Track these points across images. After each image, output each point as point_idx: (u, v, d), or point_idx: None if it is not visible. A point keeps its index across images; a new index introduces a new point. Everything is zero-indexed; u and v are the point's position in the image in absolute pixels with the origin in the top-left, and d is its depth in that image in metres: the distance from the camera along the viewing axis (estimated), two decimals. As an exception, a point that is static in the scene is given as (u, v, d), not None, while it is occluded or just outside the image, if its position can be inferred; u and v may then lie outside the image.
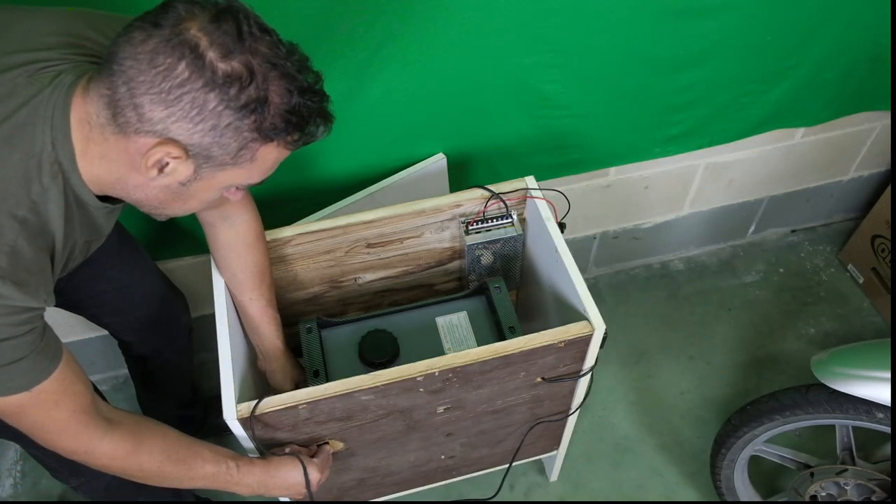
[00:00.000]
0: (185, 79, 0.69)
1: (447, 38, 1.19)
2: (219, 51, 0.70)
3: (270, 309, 1.16)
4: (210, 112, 0.71)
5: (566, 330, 1.06)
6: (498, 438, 1.31)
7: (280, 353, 1.20)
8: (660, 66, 1.36)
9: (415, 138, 1.37)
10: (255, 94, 0.71)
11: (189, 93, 0.69)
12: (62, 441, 0.87)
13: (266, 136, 0.75)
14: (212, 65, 0.69)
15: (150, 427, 0.95)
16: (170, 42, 0.69)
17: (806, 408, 1.24)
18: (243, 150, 0.75)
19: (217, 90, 0.70)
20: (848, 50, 1.47)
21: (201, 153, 0.74)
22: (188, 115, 0.71)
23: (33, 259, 0.76)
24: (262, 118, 0.73)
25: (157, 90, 0.69)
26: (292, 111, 0.75)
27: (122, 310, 1.30)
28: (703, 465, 1.63)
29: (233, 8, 0.72)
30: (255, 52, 0.71)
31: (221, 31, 0.70)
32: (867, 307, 1.95)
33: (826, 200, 2.04)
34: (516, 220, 1.27)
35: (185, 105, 0.70)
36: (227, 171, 0.77)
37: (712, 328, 1.92)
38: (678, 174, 1.75)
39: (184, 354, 1.49)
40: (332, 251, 1.22)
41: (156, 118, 0.71)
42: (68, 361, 0.83)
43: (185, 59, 0.69)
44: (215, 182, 0.79)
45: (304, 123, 0.77)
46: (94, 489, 1.21)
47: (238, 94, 0.71)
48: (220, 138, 0.73)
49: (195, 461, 0.97)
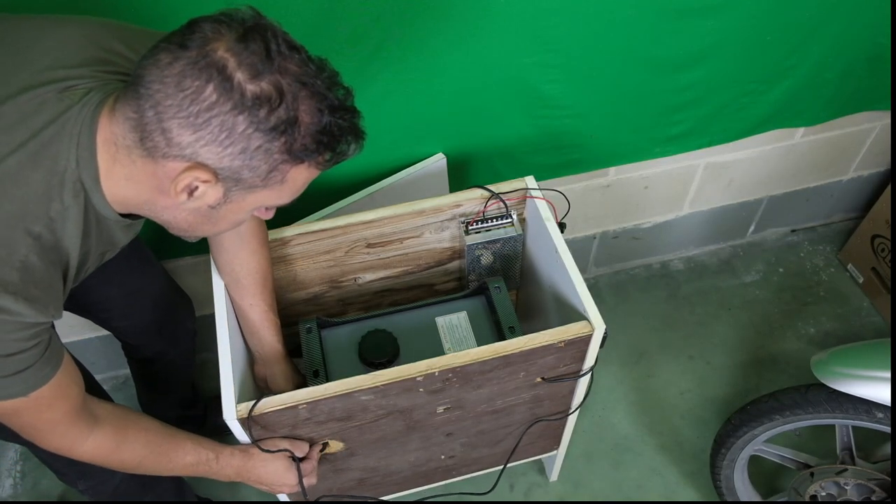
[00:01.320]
0: (213, 102, 0.68)
1: (447, 38, 1.19)
2: (247, 72, 0.68)
3: (271, 314, 1.15)
4: (239, 135, 0.69)
5: (566, 330, 1.06)
6: (498, 438, 1.31)
7: (281, 358, 1.19)
8: (660, 66, 1.36)
9: (415, 138, 1.37)
10: (286, 115, 0.70)
11: (218, 116, 0.68)
12: (50, 439, 0.87)
13: (297, 158, 0.73)
14: (240, 87, 0.68)
15: (134, 421, 0.96)
16: (197, 64, 0.67)
17: (806, 408, 1.24)
18: (274, 172, 0.73)
19: (246, 112, 0.68)
20: (848, 50, 1.47)
21: (231, 176, 0.73)
22: (217, 139, 0.69)
23: (44, 274, 0.75)
24: (293, 139, 0.71)
25: (185, 114, 0.68)
26: (323, 131, 0.73)
27: (130, 314, 1.30)
28: (703, 465, 1.63)
29: (260, 26, 0.70)
30: (285, 71, 0.70)
31: (249, 52, 0.68)
32: (867, 307, 1.95)
33: (826, 200, 2.04)
34: (516, 220, 1.27)
35: (214, 129, 0.69)
36: (258, 192, 0.76)
37: (712, 328, 1.92)
38: (678, 174, 1.75)
39: (187, 357, 1.50)
40: (332, 251, 1.22)
41: (184, 142, 0.69)
42: (66, 365, 0.83)
43: (213, 81, 0.67)
44: (245, 204, 0.78)
45: (336, 143, 0.75)
46: (101, 493, 1.21)
47: (268, 116, 0.69)
48: (249, 161, 0.71)
49: (176, 453, 0.99)
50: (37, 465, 1.67)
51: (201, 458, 1.01)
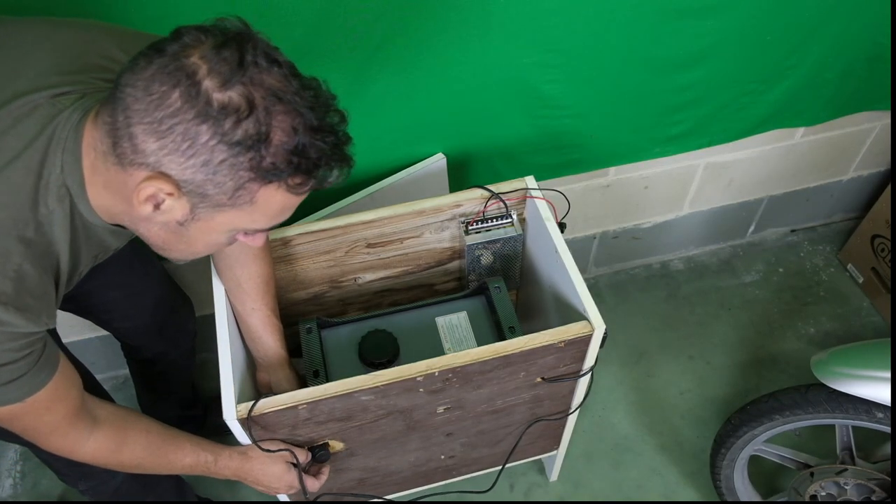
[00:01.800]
0: (177, 108, 0.64)
1: (447, 38, 1.19)
2: (217, 79, 0.64)
3: (274, 318, 1.14)
4: (202, 146, 0.65)
5: (566, 330, 1.06)
6: (498, 438, 1.31)
7: (285, 363, 1.18)
8: (660, 66, 1.36)
9: (415, 138, 1.37)
10: (254, 129, 0.66)
11: (181, 123, 0.64)
12: (51, 441, 0.87)
13: (265, 177, 0.68)
14: (207, 94, 0.64)
15: (134, 422, 0.96)
16: (167, 69, 0.65)
17: (806, 408, 1.24)
18: (240, 191, 0.69)
19: (210, 122, 0.64)
20: (847, 50, 1.47)
21: (195, 191, 0.68)
22: (180, 148, 0.65)
23: (38, 282, 0.75)
24: (261, 156, 0.67)
25: (149, 119, 0.65)
26: (297, 151, 0.68)
27: (132, 315, 1.30)
28: (703, 465, 1.63)
29: (241, 35, 0.67)
30: (259, 83, 0.66)
31: (221, 59, 0.65)
32: (867, 307, 1.95)
33: (826, 200, 2.04)
34: (516, 220, 1.27)
35: (177, 137, 0.65)
36: (227, 212, 0.71)
37: (712, 328, 1.92)
38: (678, 174, 1.75)
39: (187, 357, 1.50)
40: (332, 251, 1.22)
41: (148, 150, 0.66)
42: (63, 369, 0.83)
43: (180, 86, 0.64)
44: (215, 224, 0.73)
45: (312, 166, 0.70)
46: (102, 493, 1.21)
47: (234, 128, 0.65)
48: (213, 175, 0.67)
49: (175, 455, 0.99)
50: (37, 465, 1.67)
51: (200, 460, 1.01)
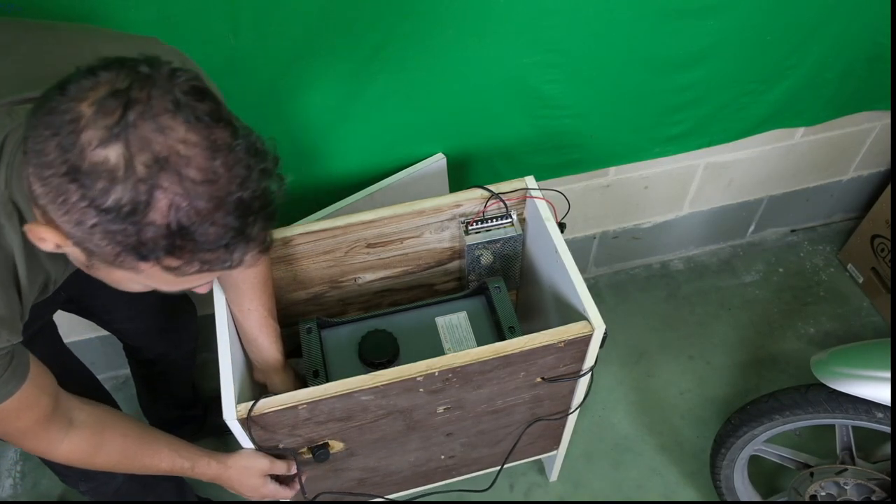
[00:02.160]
0: (52, 160, 0.57)
1: (447, 38, 1.19)
2: (98, 133, 0.56)
3: (271, 319, 1.12)
4: (72, 205, 0.57)
5: (566, 330, 1.06)
6: (498, 438, 1.31)
7: (280, 367, 1.17)
8: (660, 66, 1.36)
9: (415, 138, 1.37)
10: (129, 197, 0.56)
11: (54, 177, 0.57)
12: (24, 443, 0.88)
13: (139, 254, 0.59)
14: (82, 150, 0.56)
15: (112, 426, 0.95)
16: (54, 112, 0.57)
17: (806, 407, 1.24)
18: (121, 259, 0.60)
19: (78, 182, 0.56)
20: (847, 50, 1.47)
21: (81, 245, 0.61)
22: (55, 202, 0.58)
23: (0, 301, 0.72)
24: (135, 230, 0.57)
25: (35, 162, 0.58)
26: (180, 232, 0.58)
27: (134, 317, 1.30)
28: (703, 465, 1.63)
29: (145, 79, 0.58)
30: (145, 143, 0.56)
31: (106, 109, 0.56)
32: (867, 307, 1.95)
33: (826, 200, 2.04)
34: (516, 220, 1.27)
35: (52, 190, 0.57)
36: (120, 272, 0.63)
37: (712, 328, 1.92)
38: (678, 174, 1.75)
39: (188, 358, 1.50)
40: (332, 251, 1.22)
41: (37, 194, 0.59)
42: (33, 378, 0.82)
43: (60, 135, 0.56)
44: (118, 277, 0.65)
45: (196, 250, 0.59)
46: (103, 494, 1.21)
47: (103, 193, 0.56)
48: (90, 236, 0.59)
49: (151, 460, 0.99)
50: (37, 465, 1.67)
51: (176, 465, 1.01)
